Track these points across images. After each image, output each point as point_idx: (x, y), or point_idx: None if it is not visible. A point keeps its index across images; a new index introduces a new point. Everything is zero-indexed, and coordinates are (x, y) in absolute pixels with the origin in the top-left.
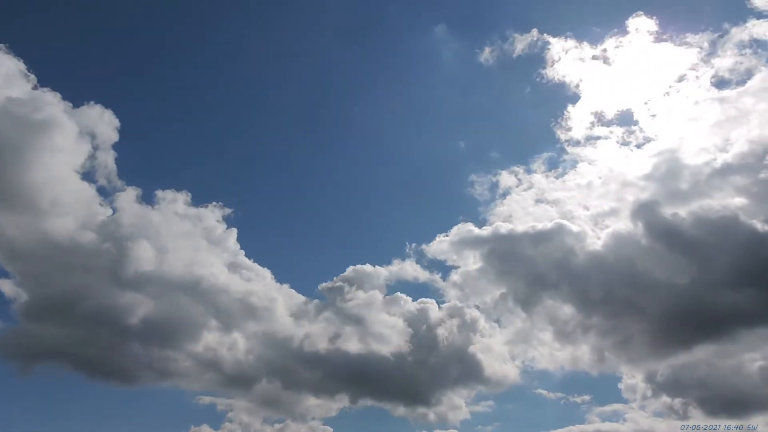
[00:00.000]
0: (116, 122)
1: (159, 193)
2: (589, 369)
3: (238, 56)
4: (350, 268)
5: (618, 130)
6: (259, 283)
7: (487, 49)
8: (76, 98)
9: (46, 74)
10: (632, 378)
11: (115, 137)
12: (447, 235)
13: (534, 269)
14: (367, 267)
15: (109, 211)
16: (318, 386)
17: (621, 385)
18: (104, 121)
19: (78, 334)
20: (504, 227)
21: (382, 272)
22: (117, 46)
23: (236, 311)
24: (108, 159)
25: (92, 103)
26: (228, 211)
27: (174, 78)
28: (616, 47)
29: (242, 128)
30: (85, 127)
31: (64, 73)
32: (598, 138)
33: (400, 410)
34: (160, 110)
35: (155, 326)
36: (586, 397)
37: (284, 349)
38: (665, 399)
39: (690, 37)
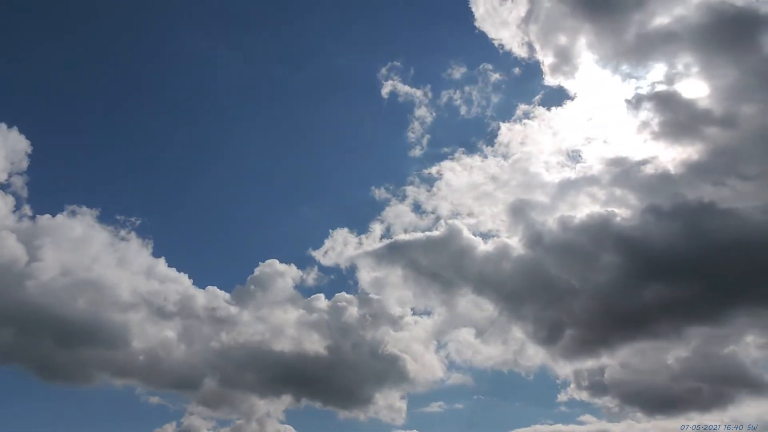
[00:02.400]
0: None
1: (69, 207)
2: (520, 368)
3: (137, 61)
4: (263, 267)
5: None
6: (179, 287)
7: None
8: None
9: None
10: (566, 377)
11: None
12: (356, 234)
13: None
14: (281, 265)
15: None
16: (257, 386)
17: (556, 384)
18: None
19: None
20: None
21: (293, 271)
22: None
23: (161, 315)
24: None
25: None
26: (138, 221)
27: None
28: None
29: (143, 136)
30: None
31: None
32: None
33: (343, 411)
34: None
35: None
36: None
37: (218, 351)
38: (600, 399)
39: None
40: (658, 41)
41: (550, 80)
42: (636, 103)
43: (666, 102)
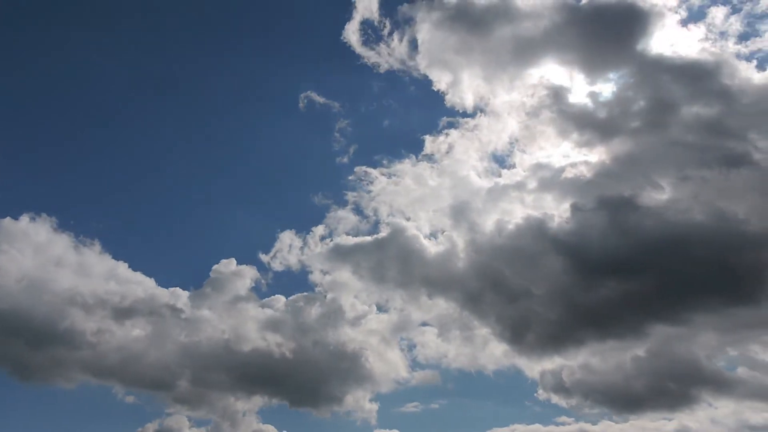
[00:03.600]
0: None
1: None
2: (487, 368)
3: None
4: (220, 267)
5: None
6: (142, 288)
7: None
8: None
9: None
10: (534, 377)
11: None
12: (302, 237)
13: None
14: (238, 266)
15: None
16: (229, 386)
17: (527, 384)
18: None
19: None
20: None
21: (250, 271)
22: None
23: (128, 317)
24: None
25: None
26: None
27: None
28: None
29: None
30: None
31: None
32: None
33: (314, 410)
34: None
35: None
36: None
37: (187, 352)
38: (569, 400)
39: None
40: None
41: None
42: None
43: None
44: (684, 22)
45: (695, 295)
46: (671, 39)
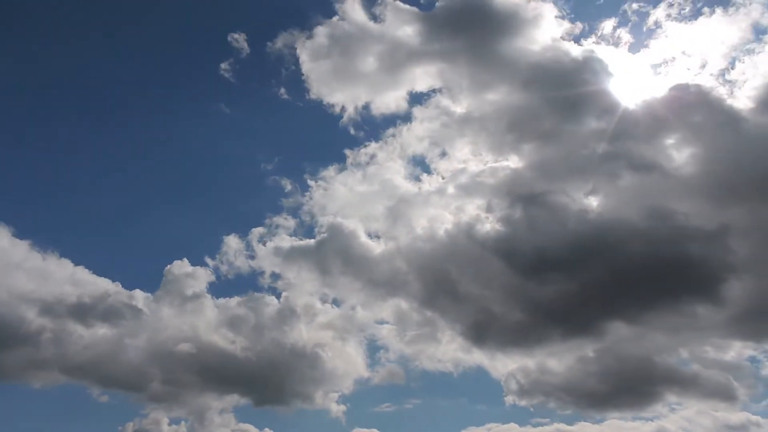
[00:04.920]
0: None
1: None
2: (447, 367)
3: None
4: (173, 268)
5: None
6: (101, 290)
7: None
8: None
9: None
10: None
11: None
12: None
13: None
14: (191, 267)
15: None
16: (200, 385)
17: (496, 384)
18: None
19: None
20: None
21: (202, 271)
22: None
23: (95, 318)
24: None
25: None
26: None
27: None
28: None
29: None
30: None
31: None
32: None
33: (284, 408)
34: None
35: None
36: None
37: (153, 352)
38: (527, 399)
39: None
40: None
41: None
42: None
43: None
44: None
45: (634, 295)
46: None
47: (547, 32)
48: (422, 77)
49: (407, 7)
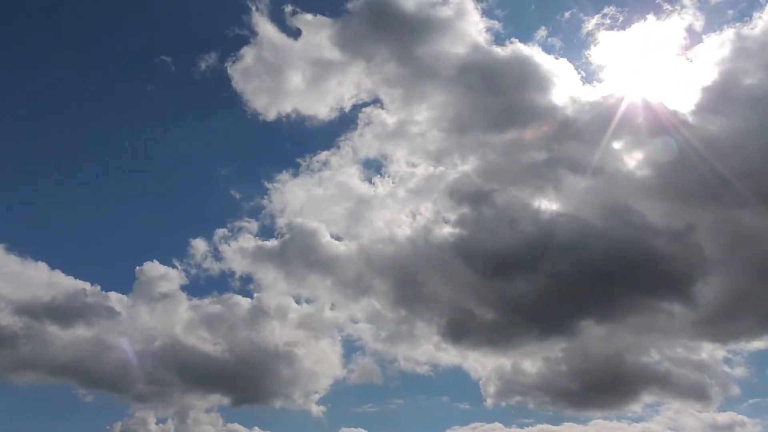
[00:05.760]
0: None
1: None
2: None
3: None
4: (144, 269)
5: None
6: (74, 291)
7: None
8: None
9: None
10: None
11: None
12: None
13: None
14: (162, 267)
15: None
16: (182, 385)
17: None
18: None
19: None
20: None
21: (173, 272)
22: None
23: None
24: None
25: None
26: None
27: None
28: None
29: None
30: None
31: None
32: None
33: (266, 408)
34: None
35: None
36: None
37: (133, 352)
38: (505, 399)
39: None
40: None
41: None
42: None
43: None
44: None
45: (601, 294)
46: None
47: (477, 35)
48: (348, 87)
49: (321, 18)
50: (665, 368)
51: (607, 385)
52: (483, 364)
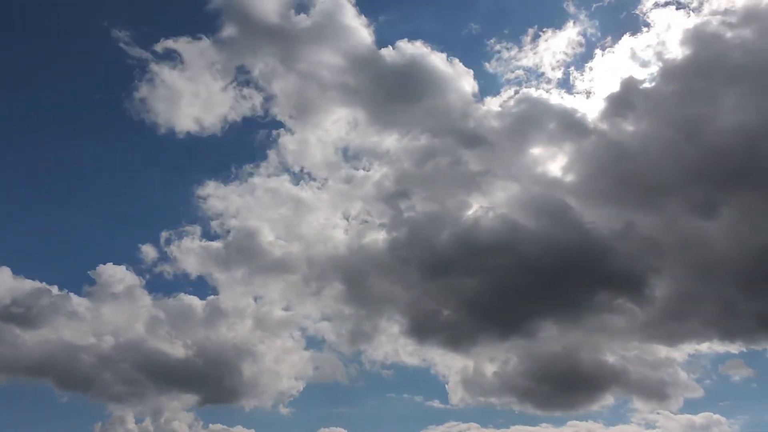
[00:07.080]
0: None
1: None
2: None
3: None
4: (100, 270)
5: None
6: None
7: None
8: None
9: None
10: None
11: None
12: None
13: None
14: (117, 268)
15: None
16: (154, 386)
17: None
18: None
19: None
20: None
21: (129, 273)
22: None
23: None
24: None
25: None
26: None
27: None
28: None
29: None
30: None
31: None
32: None
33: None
34: None
35: None
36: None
37: (100, 353)
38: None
39: None
40: None
41: None
42: None
43: None
44: None
45: (549, 295)
46: None
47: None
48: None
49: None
50: (623, 367)
51: (569, 385)
52: (447, 365)
